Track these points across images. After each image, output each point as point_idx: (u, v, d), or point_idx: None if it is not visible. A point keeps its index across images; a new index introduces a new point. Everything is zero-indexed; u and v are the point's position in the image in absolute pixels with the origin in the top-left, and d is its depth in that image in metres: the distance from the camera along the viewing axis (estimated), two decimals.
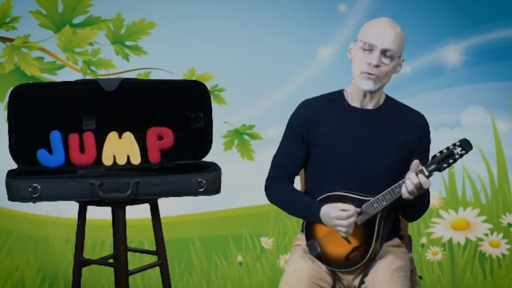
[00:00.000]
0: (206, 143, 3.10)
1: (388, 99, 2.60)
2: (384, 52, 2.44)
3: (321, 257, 2.53)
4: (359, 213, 2.44)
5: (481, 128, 3.77)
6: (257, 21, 3.79)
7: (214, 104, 3.17)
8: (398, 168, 2.44)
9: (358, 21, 3.76)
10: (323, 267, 2.54)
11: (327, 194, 2.51)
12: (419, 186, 2.33)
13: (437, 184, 3.79)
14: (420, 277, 2.71)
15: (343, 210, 2.43)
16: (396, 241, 2.63)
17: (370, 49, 2.45)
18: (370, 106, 2.55)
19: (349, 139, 2.53)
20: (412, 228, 3.78)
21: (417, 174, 2.32)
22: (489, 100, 3.79)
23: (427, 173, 2.31)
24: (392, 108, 2.58)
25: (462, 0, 3.79)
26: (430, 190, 2.44)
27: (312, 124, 2.56)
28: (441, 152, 2.29)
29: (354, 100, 2.56)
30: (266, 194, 2.65)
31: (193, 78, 3.76)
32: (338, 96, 2.59)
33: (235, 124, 3.85)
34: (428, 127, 2.59)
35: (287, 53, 3.76)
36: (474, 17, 3.77)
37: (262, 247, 3.88)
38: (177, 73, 3.77)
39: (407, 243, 2.73)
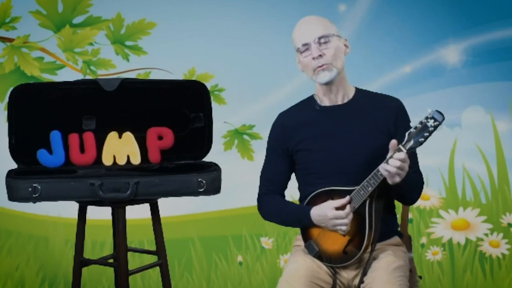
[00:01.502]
0: (206, 143, 3.10)
1: (358, 91, 2.64)
2: (318, 42, 2.53)
3: (321, 255, 2.53)
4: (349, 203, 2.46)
5: (481, 128, 3.76)
6: (257, 21, 3.78)
7: (214, 104, 3.17)
8: (384, 154, 2.43)
9: (358, 21, 3.76)
10: (323, 267, 2.55)
11: (315, 192, 2.53)
12: (400, 165, 2.33)
13: (437, 184, 3.78)
14: (420, 277, 2.71)
15: (336, 207, 2.44)
16: (395, 239, 2.64)
17: (306, 48, 2.55)
18: (339, 101, 2.60)
19: (327, 137, 2.56)
20: (412, 228, 3.78)
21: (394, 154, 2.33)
22: (489, 100, 3.79)
23: (404, 151, 2.32)
24: (363, 99, 2.62)
25: (462, 0, 3.78)
26: (430, 189, 2.43)
27: (289, 134, 2.62)
28: (415, 128, 2.30)
29: (323, 100, 2.62)
30: (260, 213, 2.70)
31: (193, 78, 3.76)
32: (309, 101, 2.66)
33: (235, 124, 3.85)
34: (403, 107, 2.61)
35: (287, 53, 3.75)
36: (474, 17, 3.77)
37: (262, 247, 3.88)
38: (177, 73, 3.77)
39: (407, 243, 2.73)
